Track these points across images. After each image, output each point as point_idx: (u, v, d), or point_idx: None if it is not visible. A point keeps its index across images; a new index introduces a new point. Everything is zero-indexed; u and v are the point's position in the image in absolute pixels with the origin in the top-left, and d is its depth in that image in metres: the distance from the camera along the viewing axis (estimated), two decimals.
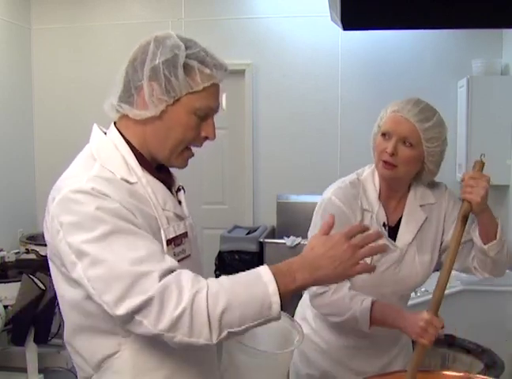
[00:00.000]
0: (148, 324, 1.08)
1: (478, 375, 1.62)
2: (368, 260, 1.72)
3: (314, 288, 1.34)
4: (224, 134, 4.70)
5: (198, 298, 1.08)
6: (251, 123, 4.76)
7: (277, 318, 1.13)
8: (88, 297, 1.15)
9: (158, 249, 1.16)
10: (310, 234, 1.83)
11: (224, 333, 1.09)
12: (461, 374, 1.66)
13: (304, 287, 1.17)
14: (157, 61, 1.22)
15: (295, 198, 4.70)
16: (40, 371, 3.58)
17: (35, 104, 5.16)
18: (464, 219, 1.58)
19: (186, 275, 1.11)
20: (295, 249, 4.18)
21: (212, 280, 1.13)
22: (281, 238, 4.33)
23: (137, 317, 1.09)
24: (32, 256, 3.87)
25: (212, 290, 1.09)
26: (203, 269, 1.46)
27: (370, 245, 1.19)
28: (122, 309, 1.09)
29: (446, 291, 1.75)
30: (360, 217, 1.75)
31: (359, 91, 4.61)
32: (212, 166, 4.81)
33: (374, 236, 1.20)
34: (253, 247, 4.26)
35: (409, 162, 1.70)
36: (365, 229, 1.22)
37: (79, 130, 4.96)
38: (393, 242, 1.78)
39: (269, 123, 4.77)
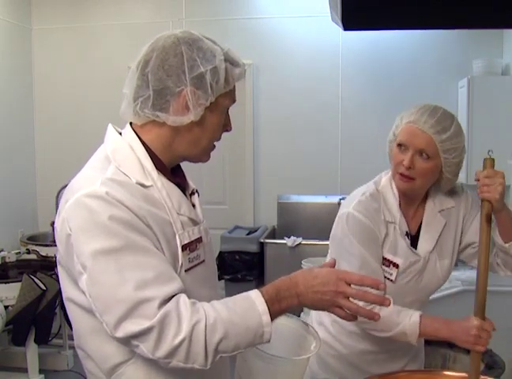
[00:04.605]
0: (144, 348, 1.09)
1: None
2: (394, 272, 1.72)
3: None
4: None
5: (197, 329, 1.09)
6: (252, 123, 4.76)
7: (267, 343, 1.18)
8: None
9: (165, 267, 1.15)
10: (333, 248, 1.80)
11: (217, 358, 1.14)
12: (462, 374, 1.65)
13: (288, 310, 1.21)
14: (202, 69, 1.21)
15: (295, 198, 4.70)
16: (41, 371, 3.58)
17: (35, 104, 5.16)
18: (489, 219, 1.55)
19: (184, 303, 1.11)
20: (296, 250, 4.18)
21: (209, 309, 1.13)
22: (282, 238, 4.33)
23: (134, 342, 1.10)
24: (32, 256, 3.87)
25: (210, 321, 1.11)
26: (217, 274, 1.46)
27: (359, 307, 1.21)
28: (120, 333, 1.09)
29: (446, 291, 1.75)
30: (385, 230, 1.72)
31: (360, 92, 4.62)
32: (212, 166, 4.80)
33: (370, 297, 1.22)
34: (253, 247, 4.26)
35: (426, 174, 1.67)
36: (364, 283, 1.22)
37: (80, 130, 5.01)
38: (415, 250, 1.76)
39: (269, 123, 4.77)
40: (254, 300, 1.16)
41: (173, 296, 1.12)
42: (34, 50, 5.12)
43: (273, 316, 1.16)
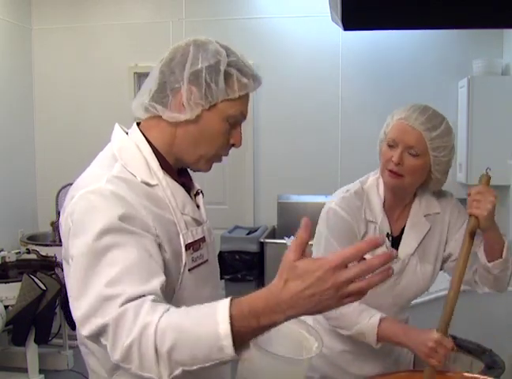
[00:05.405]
0: (109, 350, 1.04)
1: (478, 375, 1.62)
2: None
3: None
4: None
5: (147, 332, 0.99)
6: (252, 123, 4.76)
7: (234, 360, 0.99)
8: None
9: (148, 269, 1.10)
10: (314, 243, 1.78)
11: (178, 371, 1.00)
12: (462, 374, 1.66)
13: (275, 325, 0.98)
14: (200, 66, 1.22)
15: (295, 198, 4.70)
16: (41, 371, 3.58)
17: (35, 104, 5.16)
18: (472, 235, 1.55)
19: (148, 304, 1.03)
20: None
21: (168, 313, 1.01)
22: (282, 238, 4.33)
23: (102, 341, 1.06)
24: (32, 256, 3.87)
25: (161, 325, 0.99)
26: (219, 274, 1.46)
27: (369, 278, 0.94)
28: (85, 330, 1.06)
29: (446, 292, 1.72)
30: (364, 229, 1.71)
31: (360, 92, 4.62)
32: (212, 166, 4.79)
33: (375, 263, 0.93)
34: (253, 247, 4.27)
35: (415, 171, 1.66)
36: (361, 252, 0.94)
37: (80, 130, 5.01)
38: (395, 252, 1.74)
39: (269, 123, 4.77)
40: (216, 307, 0.98)
41: (142, 296, 1.05)
42: (34, 50, 5.12)
43: (246, 332, 0.97)
